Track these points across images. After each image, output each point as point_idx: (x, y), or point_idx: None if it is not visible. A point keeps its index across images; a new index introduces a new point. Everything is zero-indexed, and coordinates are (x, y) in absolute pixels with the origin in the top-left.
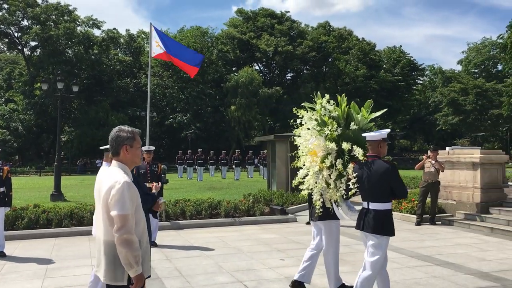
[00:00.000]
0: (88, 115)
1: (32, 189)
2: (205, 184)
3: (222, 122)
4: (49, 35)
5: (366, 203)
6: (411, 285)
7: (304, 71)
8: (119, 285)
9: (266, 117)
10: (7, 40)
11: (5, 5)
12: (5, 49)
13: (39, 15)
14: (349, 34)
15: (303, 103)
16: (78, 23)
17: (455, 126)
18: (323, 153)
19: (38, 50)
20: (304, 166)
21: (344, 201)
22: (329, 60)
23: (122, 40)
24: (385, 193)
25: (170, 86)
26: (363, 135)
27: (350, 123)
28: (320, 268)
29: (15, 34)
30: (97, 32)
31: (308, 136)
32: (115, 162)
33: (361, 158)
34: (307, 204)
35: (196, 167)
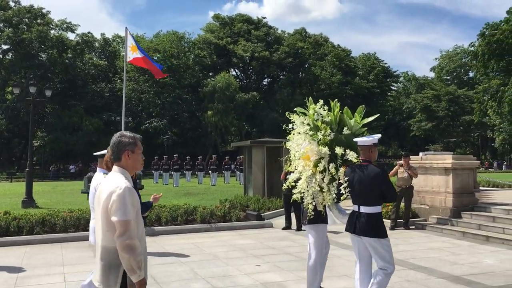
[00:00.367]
0: (61, 120)
1: (3, 195)
2: (181, 190)
3: (199, 127)
4: (22, 38)
5: (357, 206)
6: None
7: (281, 76)
8: None
9: (243, 122)
10: None
11: None
12: None
13: (11, 18)
14: (325, 41)
15: (295, 108)
16: (51, 26)
17: (428, 131)
18: (316, 157)
19: (10, 54)
20: (296, 170)
21: (335, 205)
22: (305, 66)
23: (97, 44)
24: (376, 197)
25: (146, 91)
26: (354, 140)
27: (343, 128)
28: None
29: None
30: (71, 36)
31: (301, 141)
32: (116, 167)
33: (355, 161)
34: (284, 209)
35: (172, 172)
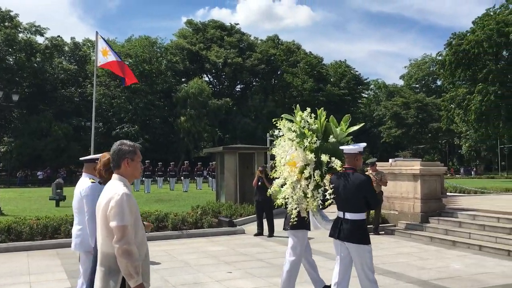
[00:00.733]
0: (29, 125)
1: None
2: (153, 196)
3: (171, 133)
4: None
5: (342, 212)
6: None
7: (254, 83)
8: None
9: (216, 128)
10: None
11: None
12: None
13: None
14: (297, 48)
15: (282, 115)
16: (19, 29)
17: (398, 138)
18: (302, 164)
19: None
20: (281, 176)
21: (319, 211)
22: (278, 73)
23: (66, 48)
24: (360, 204)
25: (117, 96)
26: (341, 147)
27: (329, 136)
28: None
29: None
30: (40, 40)
31: (287, 147)
32: (115, 175)
33: (339, 169)
34: (256, 216)
35: (144, 178)
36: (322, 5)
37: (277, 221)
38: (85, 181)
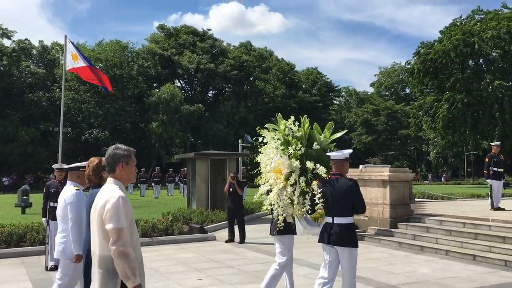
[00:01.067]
0: None
1: None
2: None
3: (142, 138)
4: None
5: (331, 217)
6: None
7: (226, 89)
8: None
9: (188, 134)
10: None
11: None
12: None
13: None
14: (270, 55)
15: (266, 125)
16: None
17: (368, 145)
18: (287, 170)
19: None
20: (267, 182)
21: (304, 216)
22: (250, 79)
23: (34, 52)
24: (349, 208)
25: (87, 101)
26: (328, 154)
27: (313, 143)
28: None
29: None
30: (7, 42)
31: (272, 155)
32: (110, 179)
33: (324, 176)
34: (228, 222)
35: None
36: (294, 12)
37: (248, 228)
38: (69, 189)
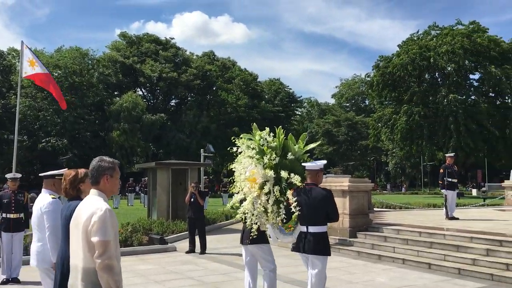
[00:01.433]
0: None
1: None
2: None
3: (103, 147)
4: None
5: (305, 227)
6: None
7: (189, 98)
8: None
9: (149, 143)
10: None
11: None
12: None
13: None
14: (233, 64)
15: (241, 135)
16: None
17: (330, 155)
18: (261, 180)
19: None
20: (241, 191)
21: (277, 225)
22: (213, 88)
23: None
24: (323, 217)
25: (44, 109)
26: (304, 164)
27: (287, 153)
28: None
29: None
30: None
31: (247, 164)
32: (94, 190)
33: (299, 185)
34: (188, 232)
35: None
36: (257, 23)
37: (209, 238)
38: (45, 197)
